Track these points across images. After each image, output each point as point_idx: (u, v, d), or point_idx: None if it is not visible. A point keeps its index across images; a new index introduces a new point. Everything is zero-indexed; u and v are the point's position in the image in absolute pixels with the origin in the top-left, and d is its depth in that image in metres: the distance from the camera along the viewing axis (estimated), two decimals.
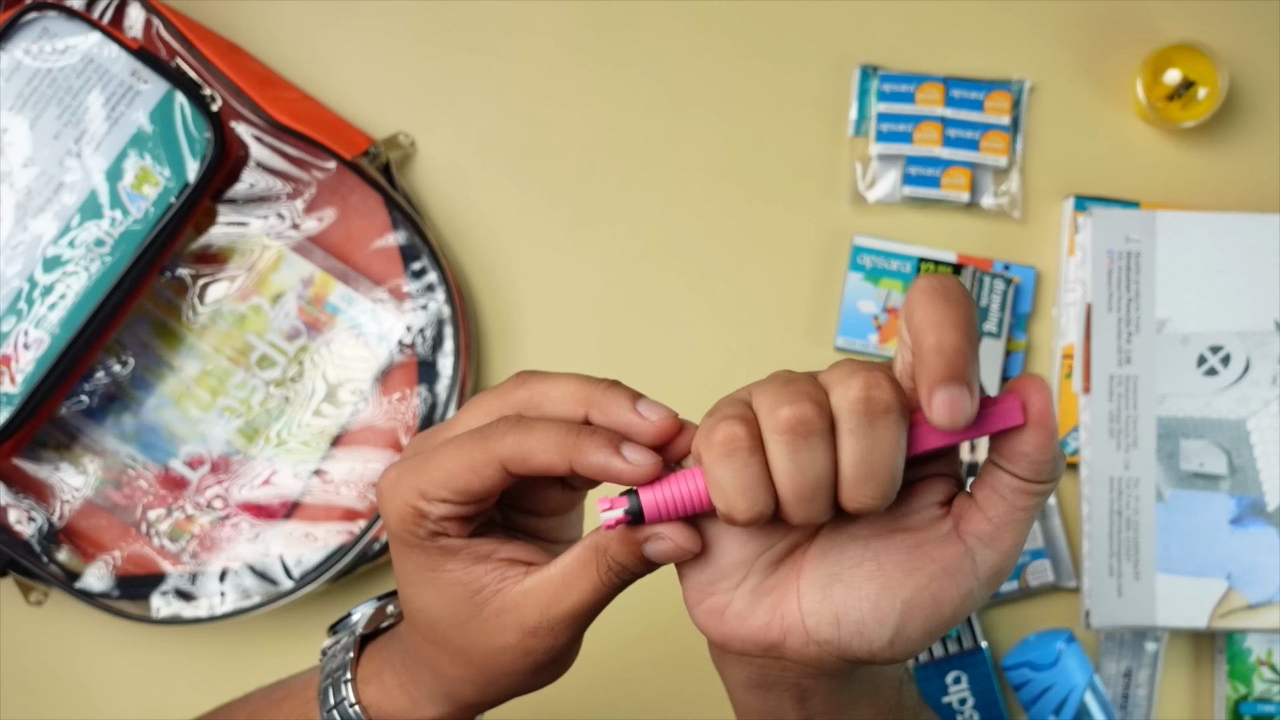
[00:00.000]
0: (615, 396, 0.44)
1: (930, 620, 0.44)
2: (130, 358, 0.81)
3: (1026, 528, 0.44)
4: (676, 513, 0.43)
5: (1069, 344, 0.83)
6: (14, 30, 0.77)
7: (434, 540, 0.45)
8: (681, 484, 0.43)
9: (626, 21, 0.86)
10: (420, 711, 0.50)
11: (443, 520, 0.45)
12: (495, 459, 0.43)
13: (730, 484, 0.41)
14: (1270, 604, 0.79)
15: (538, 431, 0.43)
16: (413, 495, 0.45)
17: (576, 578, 0.45)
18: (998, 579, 0.44)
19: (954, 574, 0.44)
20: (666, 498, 0.43)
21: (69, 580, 0.80)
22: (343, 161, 0.79)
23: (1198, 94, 0.83)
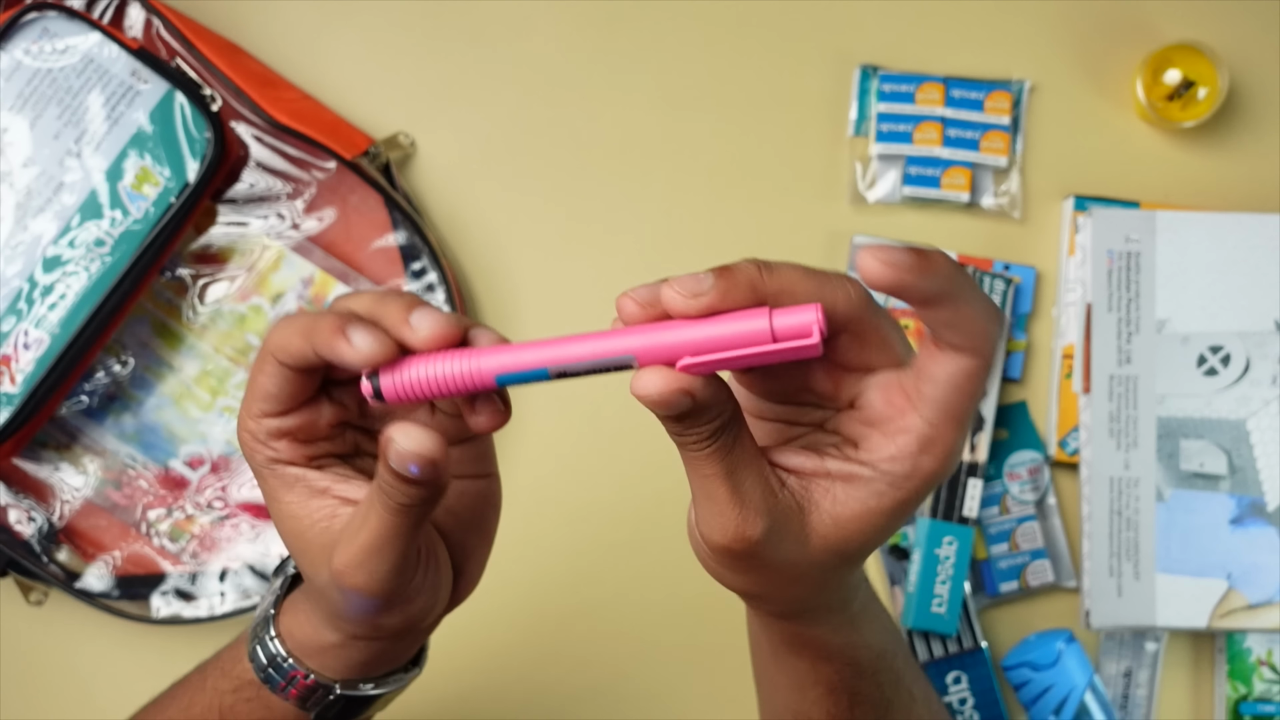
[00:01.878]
0: (391, 302, 0.44)
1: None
2: (130, 358, 0.81)
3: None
4: (414, 392, 0.42)
5: (1069, 344, 0.82)
6: (14, 30, 0.77)
7: (272, 468, 0.46)
8: (423, 374, 0.42)
9: (626, 21, 0.86)
10: (321, 637, 0.51)
11: (272, 439, 0.46)
12: (266, 352, 0.45)
13: None
14: (1270, 604, 0.79)
15: (295, 321, 0.44)
16: (244, 419, 0.46)
17: (366, 513, 0.44)
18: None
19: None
20: (406, 385, 0.42)
21: (69, 580, 0.80)
22: (343, 161, 0.79)
23: (1198, 94, 0.83)
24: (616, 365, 0.42)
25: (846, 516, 0.44)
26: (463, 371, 0.43)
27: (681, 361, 0.41)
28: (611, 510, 0.84)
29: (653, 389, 0.41)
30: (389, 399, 0.43)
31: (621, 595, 0.84)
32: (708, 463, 0.42)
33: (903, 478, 0.43)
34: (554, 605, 0.84)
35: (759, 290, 0.41)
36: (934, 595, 0.80)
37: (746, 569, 0.44)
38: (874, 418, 0.44)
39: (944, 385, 0.42)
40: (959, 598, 0.80)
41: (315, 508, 0.46)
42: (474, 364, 0.43)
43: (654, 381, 0.41)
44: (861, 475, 0.43)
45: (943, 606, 0.80)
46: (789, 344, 0.40)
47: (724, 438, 0.42)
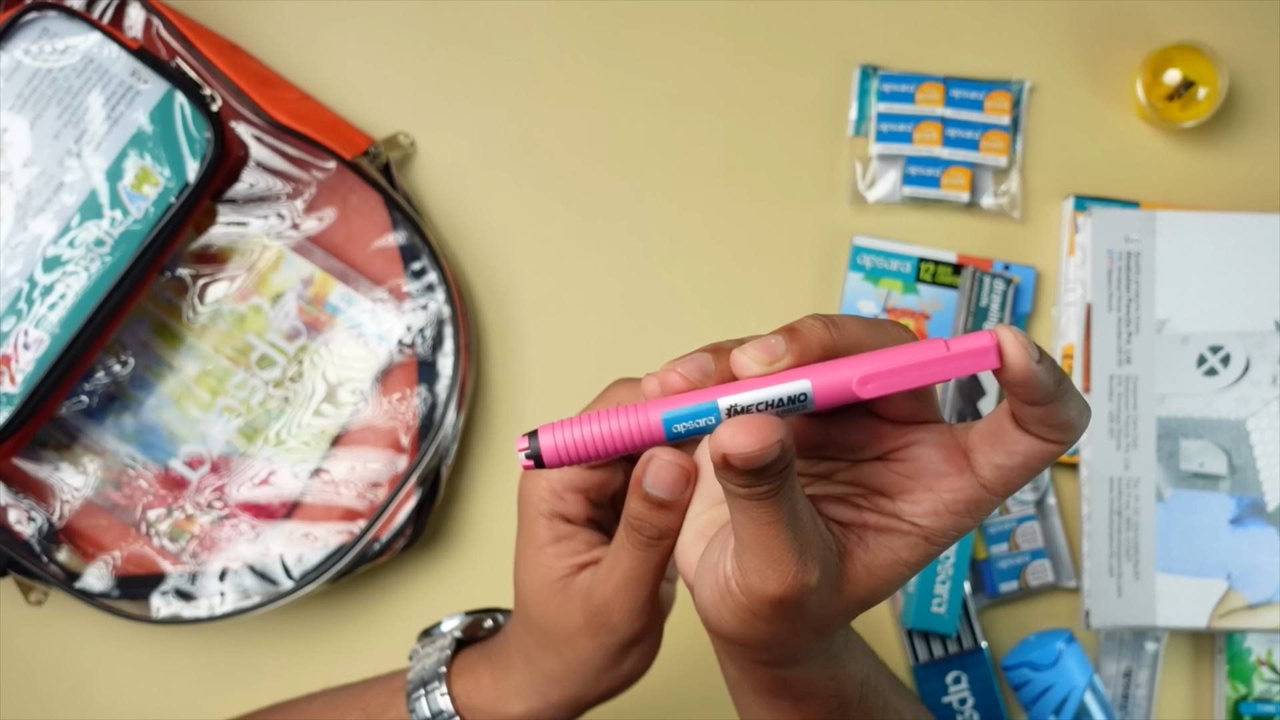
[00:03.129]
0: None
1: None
2: (130, 358, 0.81)
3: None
4: (578, 453, 0.41)
5: (1069, 344, 0.83)
6: (14, 30, 0.77)
7: (551, 521, 0.49)
8: (587, 433, 0.40)
9: (626, 21, 0.86)
10: (507, 706, 0.53)
11: (569, 493, 0.50)
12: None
13: None
14: (1270, 604, 0.79)
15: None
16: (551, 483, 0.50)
17: (618, 552, 0.47)
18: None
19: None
20: (565, 447, 0.41)
21: (69, 580, 0.80)
22: (343, 161, 0.79)
23: (1198, 94, 0.83)
24: (791, 398, 0.40)
25: (878, 565, 0.43)
26: (630, 422, 0.40)
27: (859, 376, 0.39)
28: None
29: (752, 443, 0.38)
30: (549, 462, 0.41)
31: None
32: (770, 510, 0.40)
33: (940, 533, 0.43)
34: None
35: (830, 349, 0.40)
36: (934, 595, 0.80)
37: (785, 620, 0.43)
38: (923, 472, 0.43)
39: (1019, 462, 0.42)
40: (959, 598, 0.80)
41: (571, 563, 0.49)
42: (642, 413, 0.40)
43: (750, 434, 0.38)
44: (898, 528, 0.43)
45: (943, 606, 0.80)
46: (968, 355, 0.39)
47: (787, 483, 0.40)
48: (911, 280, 0.83)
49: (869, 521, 0.44)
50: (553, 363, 0.84)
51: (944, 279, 0.83)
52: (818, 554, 0.42)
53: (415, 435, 0.81)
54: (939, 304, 0.83)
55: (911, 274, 0.83)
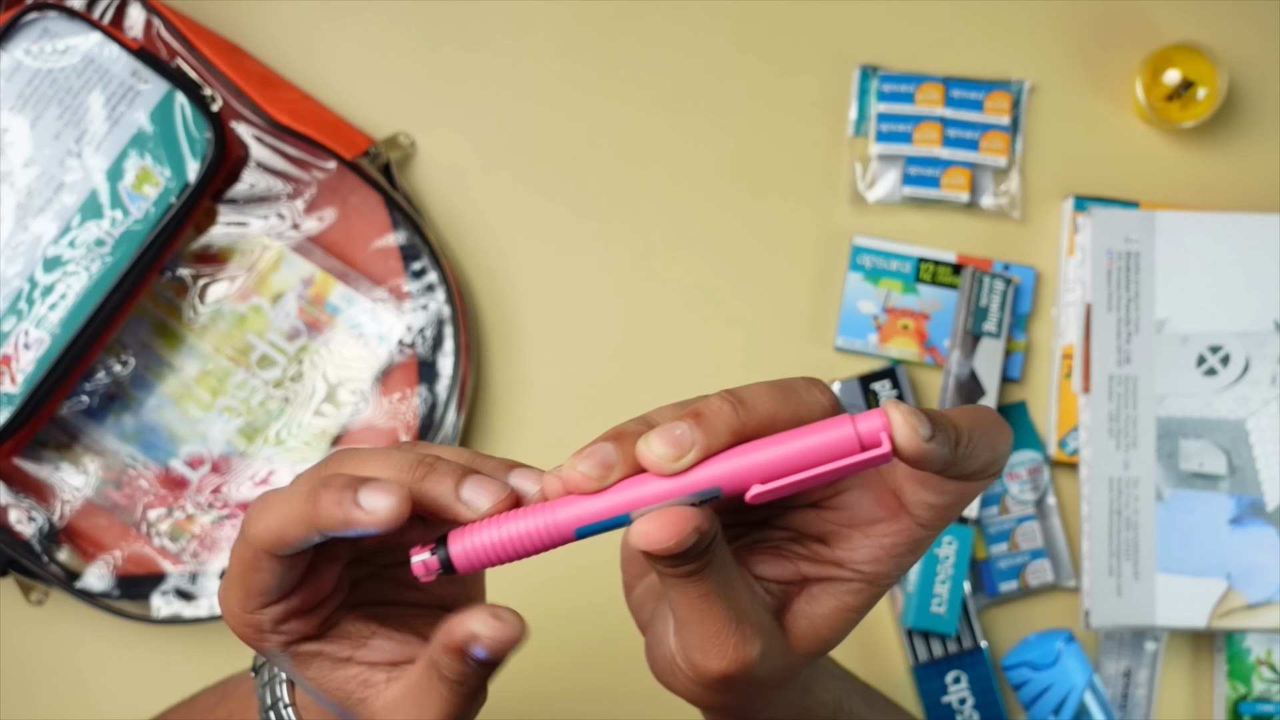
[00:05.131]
0: (433, 483, 0.39)
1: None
2: (131, 358, 0.81)
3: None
4: (487, 559, 0.39)
5: (1069, 344, 0.83)
6: (14, 30, 0.77)
7: (285, 651, 0.43)
8: (495, 537, 0.38)
9: (626, 21, 0.86)
10: None
11: (280, 625, 0.42)
12: (257, 550, 0.40)
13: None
14: (1270, 604, 0.80)
15: (278, 507, 0.39)
16: (237, 612, 0.42)
17: (425, 695, 0.41)
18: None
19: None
20: (477, 553, 0.38)
21: (69, 580, 0.80)
22: (343, 161, 0.79)
23: (1197, 94, 0.83)
24: (704, 500, 0.39)
25: (822, 616, 0.42)
26: (540, 528, 0.39)
27: (753, 491, 0.38)
28: None
29: (667, 538, 0.37)
30: (461, 570, 0.39)
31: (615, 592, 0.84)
32: (700, 585, 0.39)
33: (883, 576, 0.42)
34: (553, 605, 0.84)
35: (739, 434, 0.38)
36: (934, 595, 0.80)
37: (736, 690, 0.42)
38: (857, 519, 0.42)
39: (950, 500, 0.41)
40: (959, 598, 0.80)
41: (345, 678, 0.43)
42: (551, 517, 0.39)
43: (663, 529, 0.37)
44: (840, 575, 0.42)
45: (942, 606, 0.80)
46: (868, 455, 0.37)
47: (714, 559, 0.39)
48: (911, 280, 0.83)
49: (808, 573, 0.43)
50: (553, 363, 0.84)
51: (944, 279, 0.83)
52: (756, 622, 0.41)
53: (415, 435, 0.81)
54: (939, 304, 0.83)
55: (911, 274, 0.83)
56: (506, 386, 0.84)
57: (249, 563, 0.40)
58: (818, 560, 0.42)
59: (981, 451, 0.40)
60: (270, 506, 0.40)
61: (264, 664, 0.52)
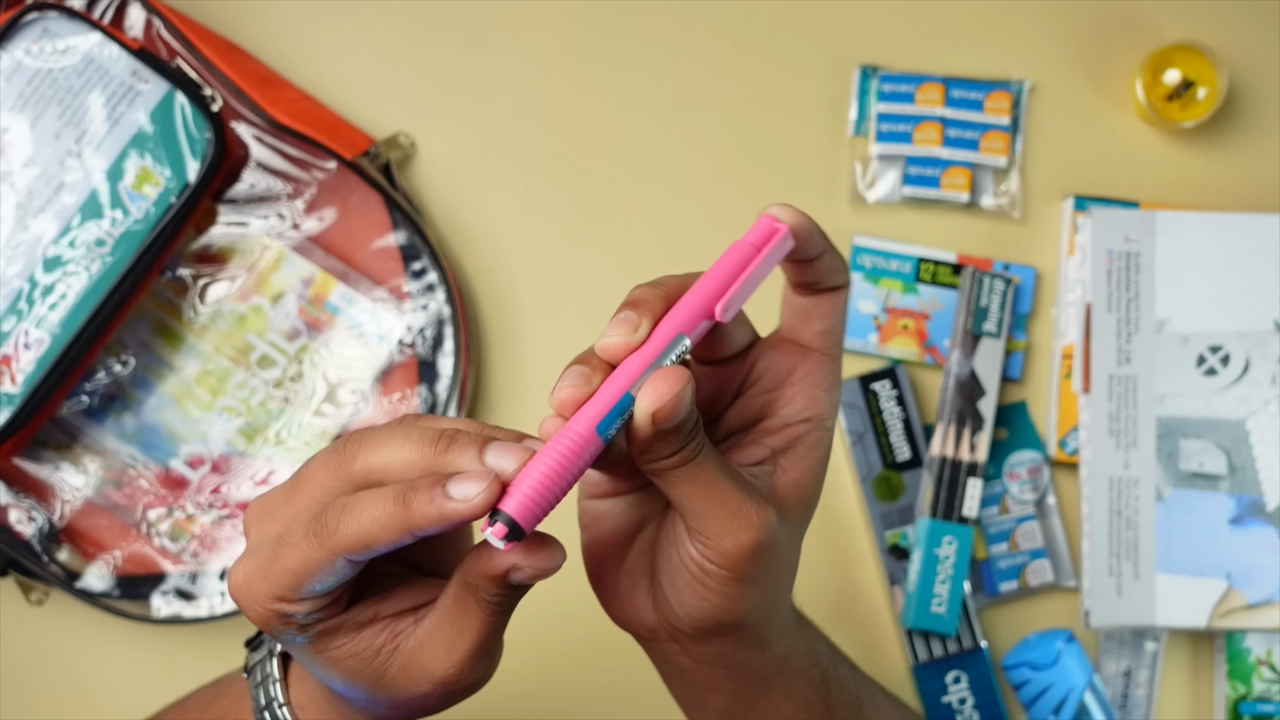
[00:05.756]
0: (457, 454, 0.41)
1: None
2: (131, 357, 0.81)
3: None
4: (550, 504, 0.41)
5: (1069, 344, 0.83)
6: (14, 30, 0.77)
7: (308, 632, 0.44)
8: (538, 477, 0.40)
9: (626, 21, 0.86)
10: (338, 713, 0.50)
11: (310, 614, 0.43)
12: (336, 554, 0.41)
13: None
14: (1270, 603, 0.80)
15: (366, 513, 0.41)
16: (269, 601, 0.43)
17: (462, 618, 0.43)
18: None
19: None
20: (533, 501, 0.40)
21: (69, 580, 0.80)
22: (343, 161, 0.79)
23: (1197, 94, 0.83)
24: (681, 353, 0.44)
25: (799, 475, 0.47)
26: (568, 447, 0.41)
27: (718, 308, 0.44)
28: None
29: (671, 386, 0.41)
30: (527, 525, 0.40)
31: None
32: (704, 468, 0.43)
33: (825, 415, 0.47)
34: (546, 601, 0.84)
35: (668, 300, 0.45)
36: (934, 595, 0.80)
37: (765, 567, 0.45)
38: (778, 378, 0.47)
39: (833, 316, 0.47)
40: (959, 597, 0.80)
41: (370, 635, 0.44)
42: (572, 433, 0.41)
43: (667, 385, 0.42)
44: (795, 434, 0.47)
45: (942, 606, 0.80)
46: (777, 239, 0.45)
47: (706, 442, 0.44)
48: (911, 280, 0.83)
49: (771, 445, 0.47)
50: (553, 363, 0.84)
51: (944, 279, 0.83)
52: (760, 493, 0.45)
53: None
54: (939, 304, 0.83)
55: (911, 274, 0.83)
56: (506, 386, 0.84)
57: (318, 564, 0.41)
58: (773, 432, 0.47)
59: (834, 251, 0.47)
60: (357, 511, 0.41)
61: (256, 664, 0.52)
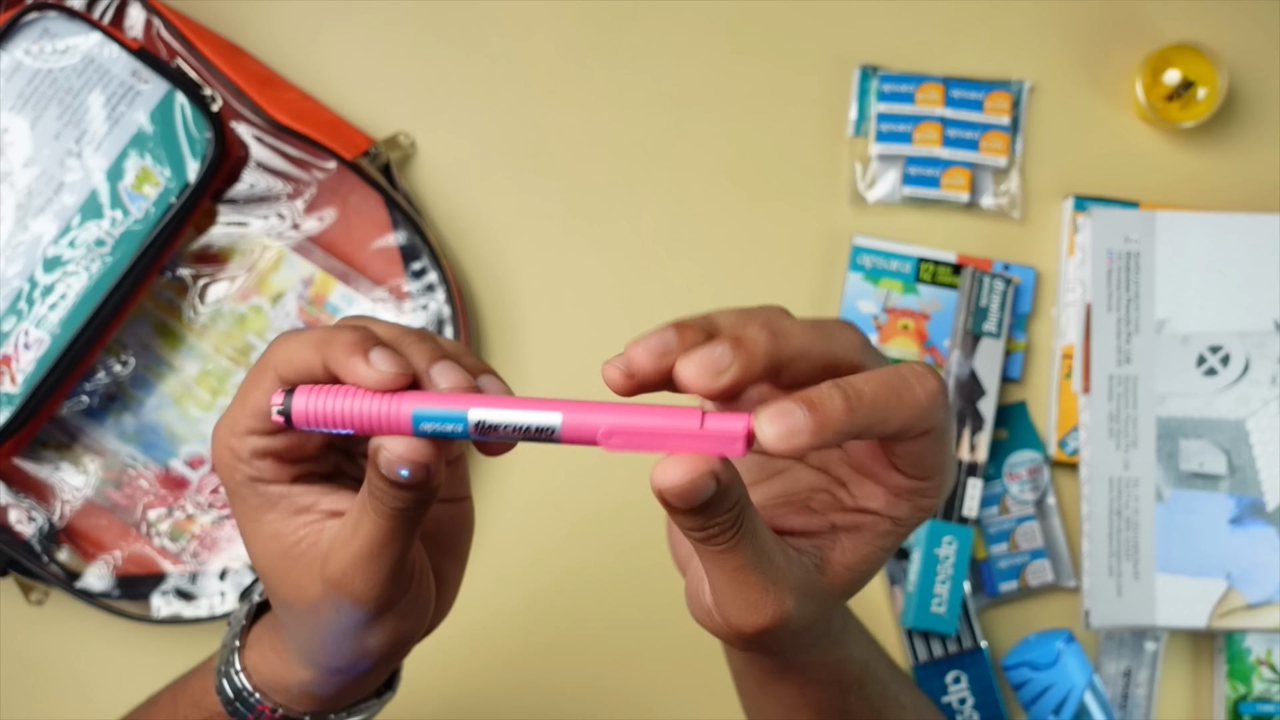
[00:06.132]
0: (416, 345, 0.43)
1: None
2: (131, 358, 0.81)
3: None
4: (324, 421, 0.41)
5: (1069, 344, 0.83)
6: (14, 30, 0.77)
7: (252, 486, 0.44)
8: (342, 397, 0.41)
9: (626, 21, 0.86)
10: (292, 673, 0.49)
11: (255, 459, 0.44)
12: (268, 366, 0.43)
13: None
14: (1270, 604, 0.80)
15: (303, 335, 0.42)
16: (225, 434, 0.44)
17: (359, 518, 0.43)
18: None
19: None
20: (314, 407, 0.41)
21: (69, 580, 0.80)
22: (343, 161, 0.79)
23: (1197, 94, 0.83)
24: (538, 428, 0.41)
25: (856, 561, 0.44)
26: (381, 413, 0.40)
27: (601, 431, 0.40)
28: (608, 508, 0.84)
29: (680, 476, 0.38)
30: (297, 422, 0.41)
31: (616, 592, 0.84)
32: (733, 555, 0.40)
33: (906, 517, 0.43)
34: (546, 601, 0.84)
35: (775, 362, 0.39)
36: (934, 595, 0.80)
37: (773, 640, 0.43)
38: (861, 465, 0.43)
39: (910, 457, 0.42)
40: (959, 598, 0.80)
41: (299, 524, 0.45)
42: (393, 406, 0.41)
43: (679, 468, 0.38)
44: (865, 522, 0.43)
45: (942, 606, 0.80)
46: (716, 438, 0.39)
47: (744, 522, 0.40)
48: (911, 280, 0.83)
49: (837, 523, 0.44)
50: (553, 363, 0.84)
51: (944, 279, 0.83)
52: (790, 584, 0.42)
53: None
54: (939, 304, 0.83)
55: (911, 274, 0.83)
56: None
57: (255, 378, 0.43)
58: (848, 510, 0.44)
59: (889, 416, 0.39)
60: (292, 335, 0.43)
61: (237, 609, 0.53)
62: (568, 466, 0.84)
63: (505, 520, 0.84)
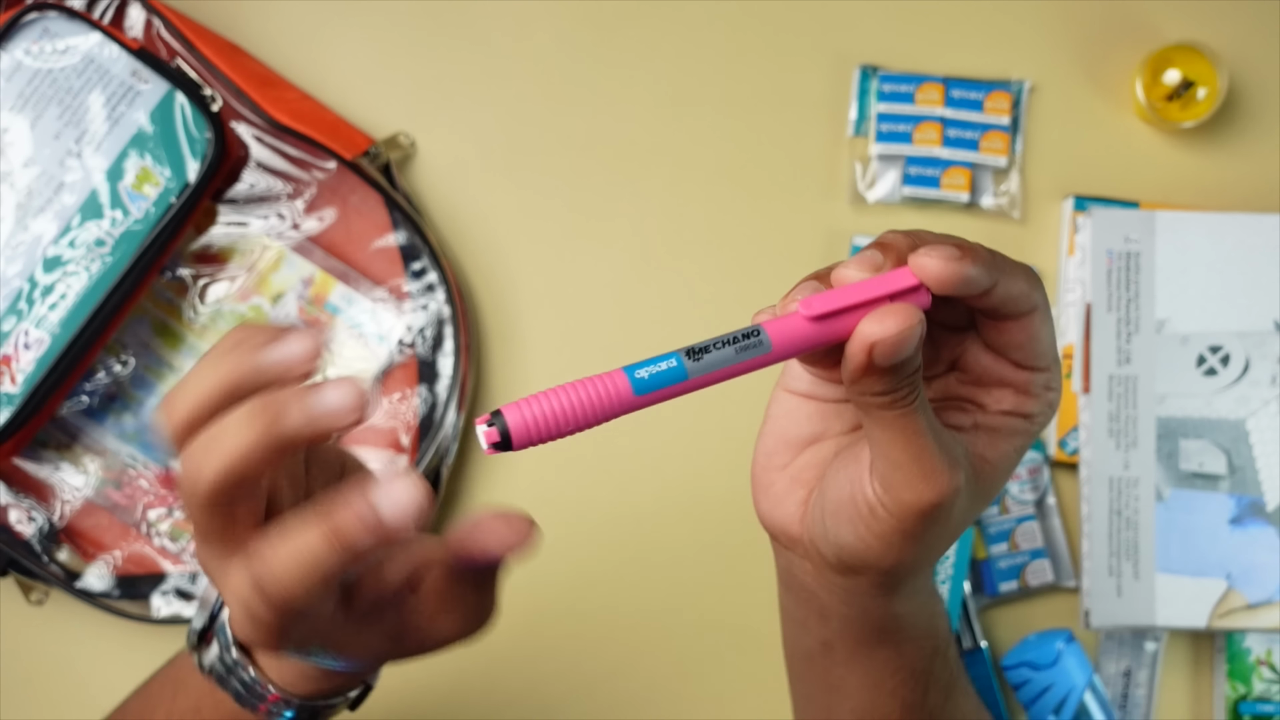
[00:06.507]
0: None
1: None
2: (131, 357, 0.81)
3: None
4: (552, 431, 0.38)
5: (1069, 344, 0.83)
6: (14, 30, 0.77)
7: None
8: (555, 398, 0.38)
9: (626, 21, 0.86)
10: (288, 663, 0.50)
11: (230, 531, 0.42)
12: (198, 499, 0.40)
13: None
14: (1270, 603, 0.80)
15: (222, 438, 0.39)
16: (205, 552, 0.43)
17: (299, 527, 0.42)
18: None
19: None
20: (537, 415, 0.38)
21: (69, 580, 0.80)
22: (343, 161, 0.79)
23: (1197, 94, 0.83)
24: (745, 333, 0.41)
25: (997, 457, 0.46)
26: (600, 394, 0.39)
27: (803, 306, 0.41)
28: (608, 508, 0.84)
29: (896, 326, 0.40)
30: (519, 443, 0.38)
31: (616, 593, 0.84)
32: (915, 419, 0.43)
33: (1037, 412, 0.46)
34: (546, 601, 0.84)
35: (988, 266, 0.43)
36: None
37: (933, 528, 0.45)
38: (985, 372, 0.46)
39: (1026, 344, 0.45)
40: (958, 597, 0.80)
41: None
42: (610, 382, 0.39)
43: (896, 319, 0.41)
44: (1001, 423, 0.46)
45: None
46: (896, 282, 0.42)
47: (920, 391, 0.43)
48: None
49: (980, 422, 0.46)
50: (553, 363, 0.84)
51: None
52: (958, 457, 0.44)
53: (415, 435, 0.81)
54: None
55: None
56: (506, 386, 0.84)
57: (191, 511, 0.41)
58: (983, 410, 0.47)
59: (1016, 283, 0.44)
60: (214, 442, 0.39)
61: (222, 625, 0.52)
62: (568, 466, 0.84)
63: None
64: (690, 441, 0.83)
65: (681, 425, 0.83)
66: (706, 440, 0.83)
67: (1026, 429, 0.46)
